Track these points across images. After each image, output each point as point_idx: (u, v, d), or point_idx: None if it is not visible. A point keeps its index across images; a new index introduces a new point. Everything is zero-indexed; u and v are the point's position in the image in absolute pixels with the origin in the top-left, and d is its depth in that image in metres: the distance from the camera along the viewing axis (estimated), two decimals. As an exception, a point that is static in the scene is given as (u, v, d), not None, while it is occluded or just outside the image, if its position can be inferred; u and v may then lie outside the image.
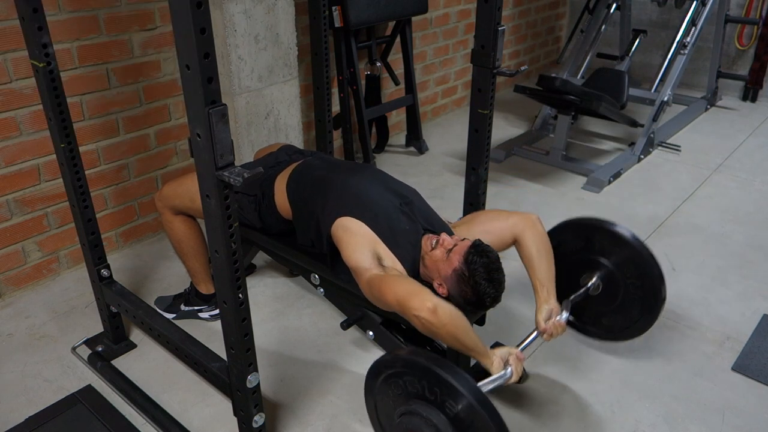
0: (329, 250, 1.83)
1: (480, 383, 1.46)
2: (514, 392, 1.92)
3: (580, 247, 1.98)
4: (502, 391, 1.91)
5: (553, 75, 3.35)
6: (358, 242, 1.69)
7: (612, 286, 1.94)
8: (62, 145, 1.74)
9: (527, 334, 1.76)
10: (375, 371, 1.49)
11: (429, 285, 1.73)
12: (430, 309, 1.48)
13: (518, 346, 1.67)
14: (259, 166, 1.63)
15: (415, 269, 1.75)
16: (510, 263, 2.53)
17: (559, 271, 1.83)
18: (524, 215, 1.87)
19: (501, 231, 1.85)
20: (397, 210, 1.79)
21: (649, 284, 1.89)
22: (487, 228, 1.88)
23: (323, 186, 1.85)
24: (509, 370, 1.55)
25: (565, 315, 1.77)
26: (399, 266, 1.69)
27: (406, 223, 1.78)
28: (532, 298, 2.35)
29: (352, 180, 1.86)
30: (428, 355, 1.38)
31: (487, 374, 1.55)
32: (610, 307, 1.97)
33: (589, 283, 1.94)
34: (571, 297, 1.88)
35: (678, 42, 3.80)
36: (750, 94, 4.52)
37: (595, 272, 1.95)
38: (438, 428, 1.33)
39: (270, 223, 2.03)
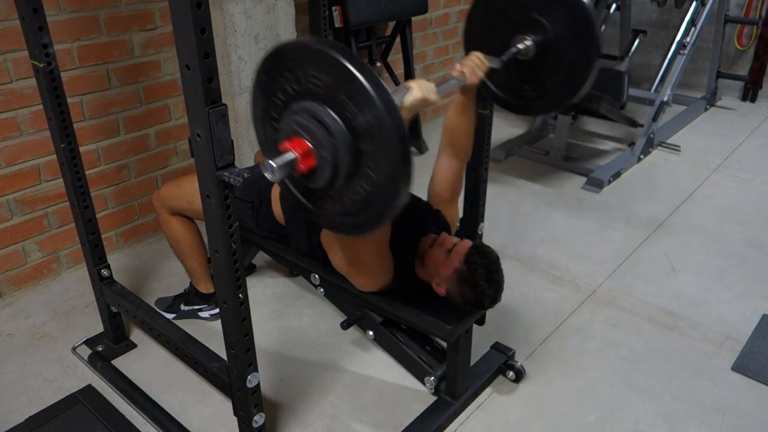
0: (321, 257, 1.84)
1: None
2: (513, 392, 1.92)
3: (507, 6, 1.79)
4: (500, 388, 1.91)
5: (553, 75, 3.35)
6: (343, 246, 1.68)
7: (543, 45, 1.74)
8: (62, 145, 1.74)
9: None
10: (273, 55, 1.27)
11: (427, 285, 1.73)
12: None
13: None
14: (260, 168, 1.62)
15: (408, 267, 1.74)
16: (510, 263, 2.54)
17: (488, 41, 1.75)
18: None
19: (442, 163, 1.84)
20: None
21: (583, 33, 1.69)
22: (438, 176, 1.86)
23: None
24: (406, 86, 1.41)
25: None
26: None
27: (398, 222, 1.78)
28: (531, 298, 2.36)
29: None
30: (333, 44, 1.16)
31: None
32: (542, 70, 1.79)
33: (519, 44, 1.75)
34: (501, 57, 1.73)
35: (678, 42, 3.80)
36: (749, 94, 4.52)
37: (526, 33, 1.75)
38: (329, 128, 1.17)
39: (268, 228, 2.03)
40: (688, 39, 3.75)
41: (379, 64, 3.44)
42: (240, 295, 1.37)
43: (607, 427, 1.80)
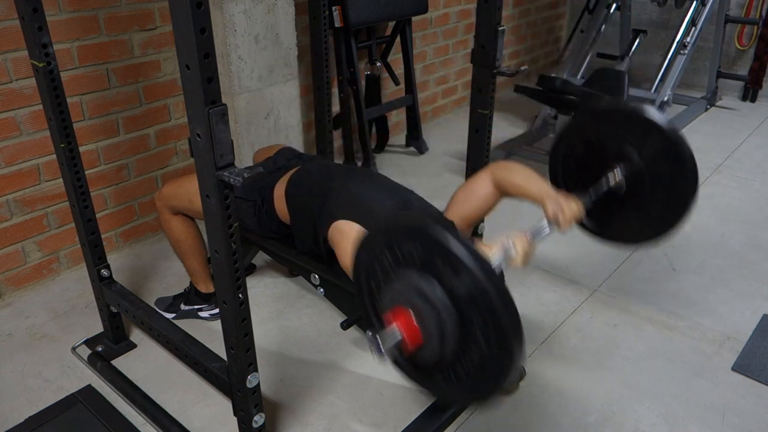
0: (326, 253, 1.83)
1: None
2: (513, 392, 1.92)
3: (601, 138, 1.77)
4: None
5: (553, 75, 3.35)
6: (352, 245, 1.68)
7: (637, 180, 1.72)
8: (62, 145, 1.74)
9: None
10: (369, 239, 1.33)
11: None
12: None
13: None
14: (259, 167, 1.62)
15: None
16: (510, 263, 2.54)
17: (576, 170, 1.74)
18: (490, 165, 1.85)
19: (480, 188, 1.82)
20: (393, 212, 1.79)
21: (679, 173, 1.68)
22: (467, 196, 1.85)
23: (320, 191, 1.85)
24: (511, 246, 1.41)
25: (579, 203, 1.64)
26: None
27: None
28: (531, 298, 2.36)
29: (349, 184, 1.86)
30: (430, 221, 1.20)
31: None
32: (633, 204, 1.78)
33: (610, 176, 1.75)
34: (590, 190, 1.72)
35: (678, 42, 3.80)
36: (750, 94, 4.52)
37: (617, 165, 1.74)
38: (433, 303, 1.17)
39: (269, 228, 2.03)
40: (688, 39, 3.75)
41: (379, 64, 3.45)
42: (240, 295, 1.37)
43: (607, 427, 1.80)
